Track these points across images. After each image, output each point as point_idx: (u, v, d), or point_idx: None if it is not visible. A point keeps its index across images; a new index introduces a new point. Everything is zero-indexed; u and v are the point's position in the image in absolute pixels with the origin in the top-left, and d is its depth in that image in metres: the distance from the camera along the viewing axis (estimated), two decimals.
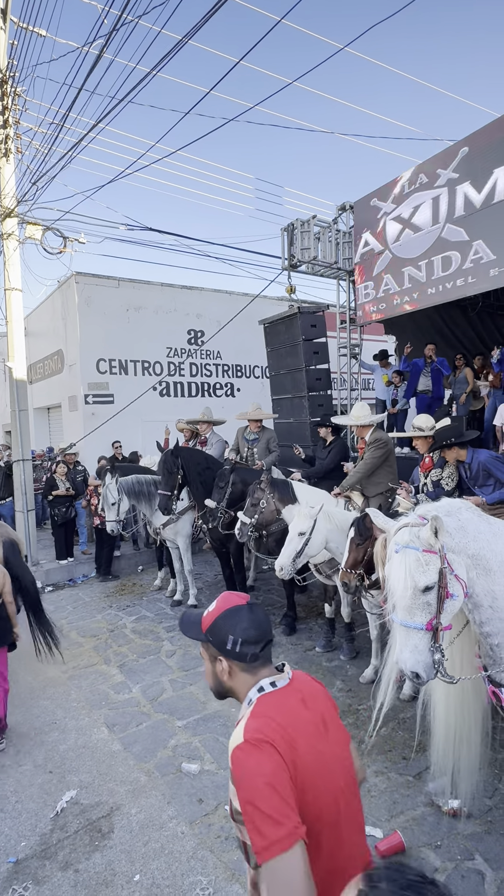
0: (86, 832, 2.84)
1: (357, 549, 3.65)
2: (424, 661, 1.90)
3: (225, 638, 1.29)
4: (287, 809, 1.03)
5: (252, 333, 9.43)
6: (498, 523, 2.16)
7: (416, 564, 1.89)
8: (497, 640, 2.08)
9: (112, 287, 10.86)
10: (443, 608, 1.90)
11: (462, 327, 10.14)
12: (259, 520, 4.70)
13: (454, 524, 2.02)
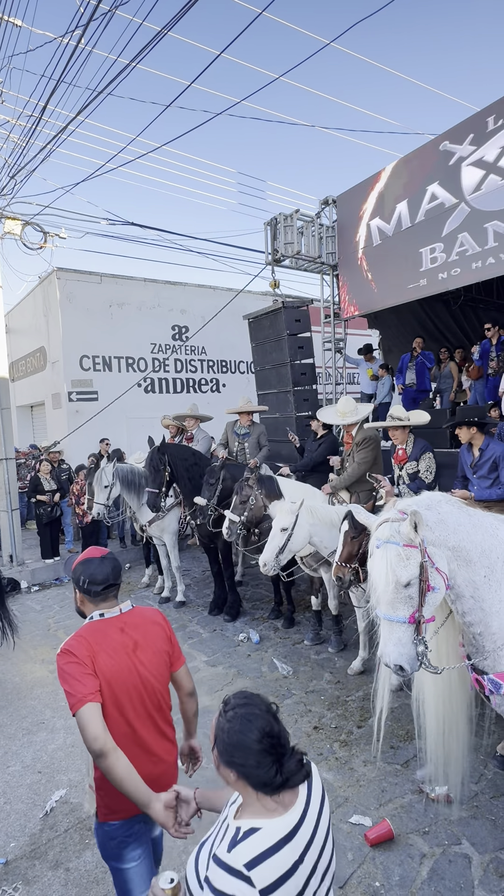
0: (76, 830, 2.84)
1: (352, 542, 3.65)
2: (408, 653, 1.93)
3: (78, 577, 1.82)
4: (81, 686, 1.62)
5: (237, 329, 9.40)
6: (478, 514, 2.18)
7: (397, 559, 1.91)
8: (479, 629, 2.11)
9: (94, 283, 10.73)
10: (425, 601, 1.92)
11: (445, 321, 10.23)
12: (248, 517, 4.69)
13: (434, 518, 2.04)
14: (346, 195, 7.75)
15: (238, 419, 6.37)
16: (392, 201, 7.03)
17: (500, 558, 2.09)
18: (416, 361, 8.04)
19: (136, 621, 1.86)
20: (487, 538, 2.10)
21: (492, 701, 2.28)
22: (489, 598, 2.07)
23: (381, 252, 7.27)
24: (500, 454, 4.16)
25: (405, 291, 6.99)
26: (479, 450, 4.25)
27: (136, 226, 9.06)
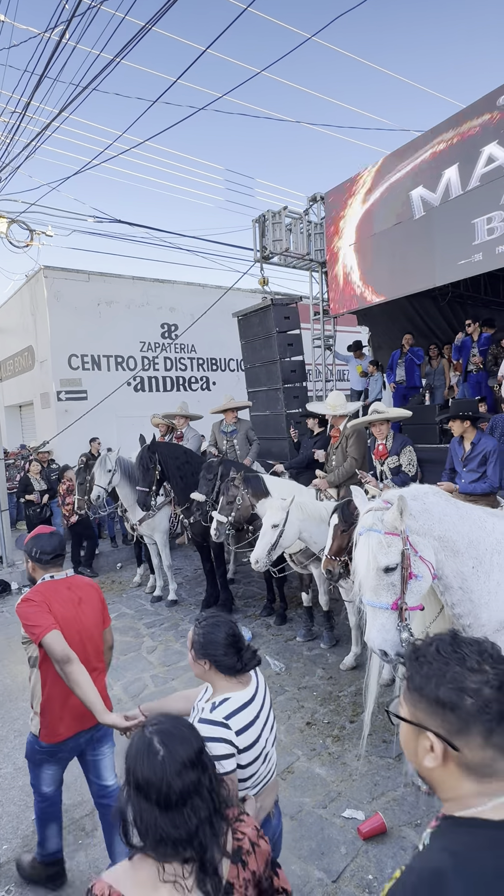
0: (69, 832, 2.82)
1: (341, 535, 3.66)
2: (391, 639, 1.96)
3: (31, 549, 2.31)
4: (44, 619, 2.08)
5: (226, 326, 9.38)
6: (466, 506, 2.20)
7: (379, 546, 1.96)
8: (468, 620, 2.13)
9: (82, 281, 10.65)
10: (407, 588, 1.95)
11: (433, 317, 10.28)
12: (235, 517, 4.69)
13: (418, 507, 2.07)
14: (333, 191, 7.75)
15: (223, 418, 6.39)
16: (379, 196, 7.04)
17: (488, 549, 2.10)
18: (405, 358, 8.08)
19: (79, 583, 2.40)
20: (475, 529, 2.11)
21: None
22: (478, 589, 2.08)
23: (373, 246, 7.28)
24: (490, 449, 4.19)
25: (396, 288, 7.00)
26: (472, 444, 4.28)
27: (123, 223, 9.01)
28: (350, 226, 7.50)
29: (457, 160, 6.01)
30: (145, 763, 1.07)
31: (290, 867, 2.50)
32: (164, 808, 1.03)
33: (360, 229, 7.35)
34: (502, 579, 2.10)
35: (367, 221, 7.25)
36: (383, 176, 6.96)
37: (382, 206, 6.99)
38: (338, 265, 7.80)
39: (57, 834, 2.44)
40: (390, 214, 6.89)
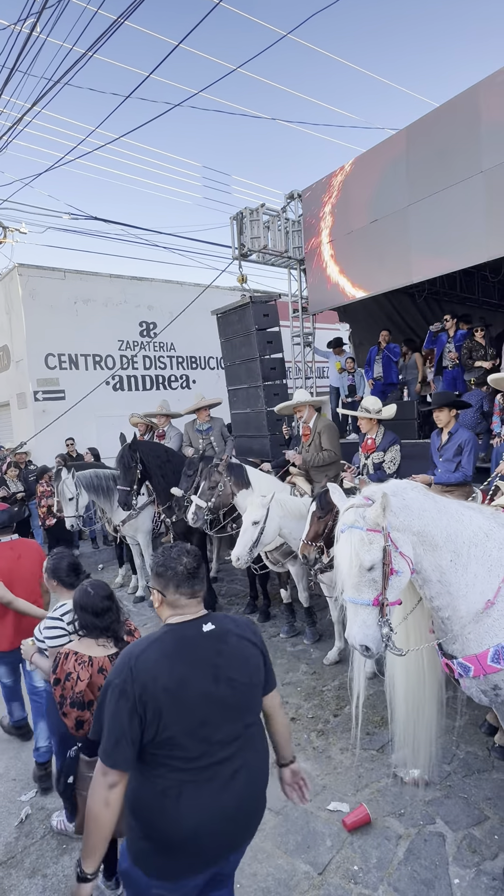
0: (53, 836, 2.79)
1: (318, 521, 3.77)
2: (373, 634, 1.98)
3: None
4: None
5: (205, 324, 9.33)
6: (444, 501, 2.23)
7: (361, 543, 1.96)
8: (447, 613, 2.16)
9: (58, 279, 10.48)
10: (388, 584, 1.97)
11: (411, 314, 10.40)
12: (215, 503, 4.68)
13: (398, 503, 2.08)
14: (310, 189, 7.77)
15: (196, 418, 6.42)
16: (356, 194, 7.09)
17: (466, 542, 2.13)
18: (382, 355, 8.16)
19: (20, 544, 3.45)
20: (453, 523, 2.14)
21: (461, 684, 2.34)
22: (455, 581, 2.11)
23: (350, 244, 7.33)
24: (465, 439, 4.28)
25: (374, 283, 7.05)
26: (449, 433, 4.36)
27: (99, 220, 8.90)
28: (327, 223, 7.54)
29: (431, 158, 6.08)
30: (85, 597, 2.22)
31: (276, 861, 2.51)
32: (94, 614, 2.21)
33: (338, 226, 7.40)
34: (479, 571, 2.13)
35: (344, 219, 7.30)
36: (359, 173, 7.01)
37: (359, 203, 7.04)
38: (316, 262, 7.84)
39: (20, 709, 3.61)
40: (367, 212, 6.94)
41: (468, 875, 2.35)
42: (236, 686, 1.55)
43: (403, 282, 6.77)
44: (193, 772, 1.46)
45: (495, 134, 5.46)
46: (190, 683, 1.47)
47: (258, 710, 1.68)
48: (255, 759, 1.60)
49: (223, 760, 1.51)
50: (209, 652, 1.55)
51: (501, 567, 2.14)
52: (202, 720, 1.47)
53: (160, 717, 1.41)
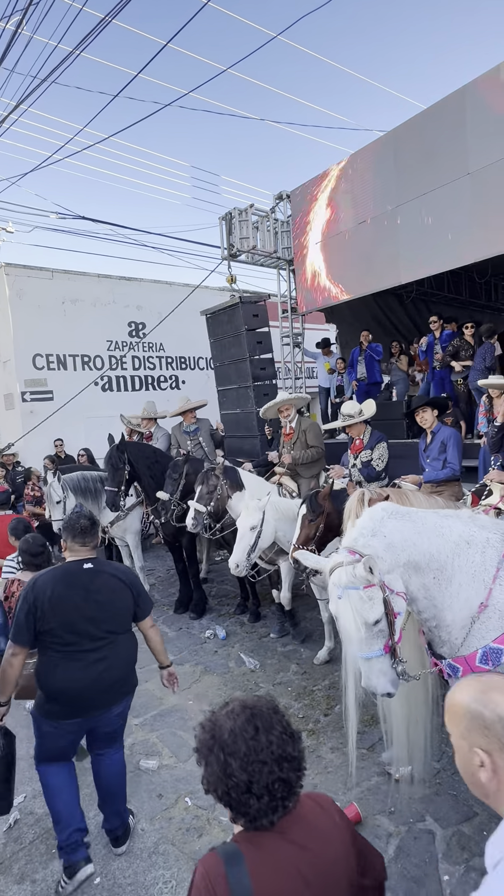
0: (41, 841, 2.76)
1: (309, 525, 3.69)
2: (392, 679, 1.98)
3: None
4: None
5: (195, 324, 9.31)
6: (420, 517, 2.20)
7: (361, 602, 1.90)
8: (434, 623, 2.18)
9: (45, 279, 10.39)
10: (394, 629, 1.96)
11: (398, 315, 10.47)
12: (214, 507, 4.67)
13: (382, 545, 2.03)
14: (299, 190, 7.79)
15: (182, 420, 6.42)
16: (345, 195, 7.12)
17: (449, 555, 2.13)
18: (365, 355, 8.20)
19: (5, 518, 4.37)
20: (434, 539, 2.13)
21: (451, 684, 2.36)
22: (440, 596, 2.12)
23: (338, 245, 7.35)
24: (447, 435, 4.33)
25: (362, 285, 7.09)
26: (432, 433, 4.40)
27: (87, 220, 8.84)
28: (316, 224, 7.56)
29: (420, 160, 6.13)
30: (25, 544, 3.39)
31: None
32: (31, 555, 3.38)
33: (327, 227, 7.42)
34: (464, 580, 2.13)
35: (332, 220, 7.33)
36: (348, 175, 7.04)
37: (348, 204, 7.08)
38: (305, 263, 7.86)
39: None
40: (355, 213, 6.98)
41: (458, 871, 2.37)
42: (100, 604, 2.39)
43: (391, 283, 6.82)
44: (66, 654, 2.33)
45: (482, 136, 5.52)
46: (65, 598, 2.32)
47: (122, 625, 2.50)
48: (116, 656, 2.45)
49: (88, 650, 2.36)
50: (84, 580, 2.39)
51: (486, 571, 2.15)
52: (72, 622, 2.32)
53: (45, 616, 2.29)
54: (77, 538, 2.46)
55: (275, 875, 1.04)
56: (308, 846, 1.08)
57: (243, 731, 1.08)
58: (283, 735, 1.11)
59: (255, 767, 1.05)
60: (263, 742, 1.08)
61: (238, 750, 1.06)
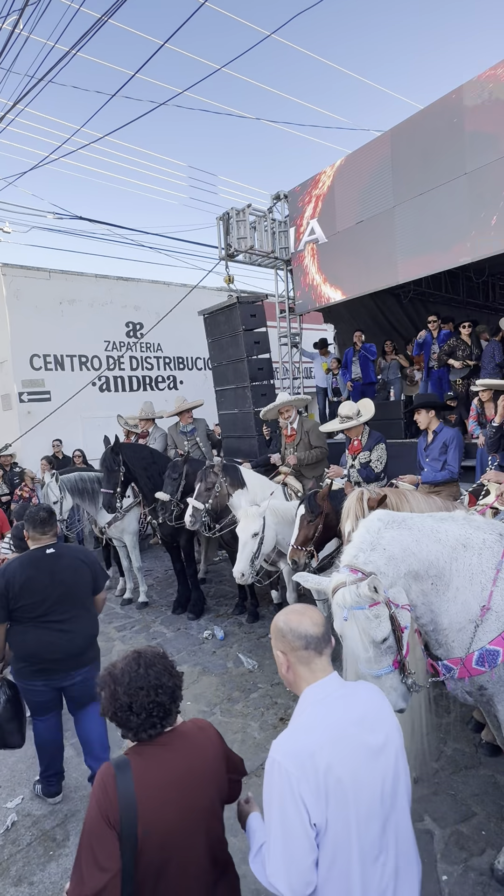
0: (39, 843, 2.76)
1: (308, 525, 3.69)
2: (402, 694, 1.94)
3: None
4: None
5: (192, 324, 9.30)
6: (416, 525, 2.18)
7: (368, 622, 1.84)
8: (431, 626, 2.17)
9: (43, 279, 10.37)
10: (402, 644, 1.91)
11: (396, 315, 10.48)
12: (212, 504, 4.66)
13: (383, 559, 1.99)
14: (296, 190, 7.79)
15: (178, 420, 6.41)
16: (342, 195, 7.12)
17: (446, 560, 2.12)
18: (359, 355, 8.20)
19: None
20: (432, 546, 2.11)
21: (447, 685, 2.36)
22: (437, 601, 2.11)
23: (336, 245, 7.35)
24: (450, 437, 4.32)
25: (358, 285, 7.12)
26: (433, 433, 4.39)
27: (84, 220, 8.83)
28: (314, 224, 7.57)
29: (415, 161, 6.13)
30: (16, 530, 3.56)
31: None
32: (20, 539, 3.28)
33: (324, 227, 7.43)
34: (461, 583, 2.12)
35: (330, 220, 7.33)
36: (345, 175, 7.05)
37: (344, 204, 7.08)
38: (302, 263, 7.86)
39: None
40: (352, 213, 6.98)
41: (456, 871, 2.37)
42: (65, 583, 2.78)
43: (389, 282, 6.82)
44: (35, 623, 2.72)
45: (478, 136, 5.53)
46: (34, 579, 2.71)
47: (83, 600, 2.87)
48: (79, 629, 2.81)
49: (54, 622, 2.74)
50: (49, 564, 2.78)
51: (483, 573, 2.13)
52: (42, 599, 2.72)
53: (16, 597, 2.68)
54: (38, 528, 2.84)
55: (155, 775, 1.36)
56: (186, 754, 1.43)
57: (129, 666, 1.44)
58: (162, 670, 1.45)
59: (135, 693, 1.38)
60: (143, 674, 1.41)
61: (123, 681, 1.40)
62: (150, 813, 1.30)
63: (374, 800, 1.28)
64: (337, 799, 1.23)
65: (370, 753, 1.31)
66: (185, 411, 6.35)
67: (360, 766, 1.28)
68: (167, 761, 1.39)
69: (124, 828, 1.27)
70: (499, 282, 11.64)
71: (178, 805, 1.34)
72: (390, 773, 1.32)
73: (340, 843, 1.23)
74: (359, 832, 1.25)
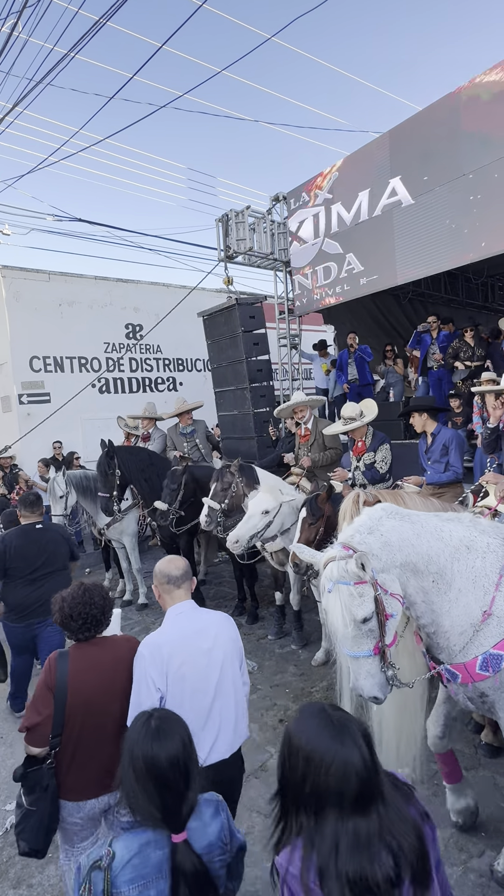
0: None
1: (309, 528, 3.70)
2: (380, 682, 1.93)
3: None
4: None
5: (192, 326, 9.31)
6: (420, 519, 2.17)
7: (351, 598, 1.86)
8: (432, 629, 2.15)
9: (42, 281, 10.38)
10: (385, 630, 1.91)
11: (396, 315, 10.48)
12: (229, 504, 4.64)
13: (378, 543, 2.00)
14: (295, 191, 7.80)
15: (178, 421, 6.41)
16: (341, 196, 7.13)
17: (448, 559, 2.11)
18: (355, 356, 8.20)
19: None
20: (433, 543, 2.10)
21: (449, 689, 2.34)
22: (438, 600, 2.10)
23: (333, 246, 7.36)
24: (449, 437, 4.32)
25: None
26: (432, 435, 4.39)
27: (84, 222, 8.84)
28: (312, 225, 7.57)
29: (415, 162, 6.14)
30: (8, 516, 4.86)
31: (265, 864, 2.50)
32: (11, 522, 4.45)
33: (323, 228, 7.43)
34: (464, 585, 2.10)
35: (329, 221, 7.33)
36: (343, 176, 7.05)
37: (343, 205, 7.08)
38: (301, 264, 7.86)
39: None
40: (351, 214, 6.99)
41: (456, 873, 2.36)
42: (49, 551, 3.66)
43: (388, 284, 6.82)
44: (23, 580, 3.58)
45: (477, 137, 5.53)
46: (25, 546, 3.59)
47: (62, 564, 3.74)
48: (57, 583, 3.27)
49: (37, 578, 3.59)
50: (36, 536, 3.66)
51: (486, 577, 2.12)
52: (30, 562, 3.59)
53: (11, 559, 3.56)
54: (28, 508, 3.75)
55: (84, 661, 2.00)
56: (109, 651, 2.07)
57: (74, 590, 2.08)
58: (95, 594, 2.09)
59: (75, 606, 2.02)
60: (81, 594, 2.05)
61: (69, 599, 2.04)
62: (76, 683, 1.93)
63: (201, 683, 1.93)
64: (174, 678, 1.89)
65: (201, 652, 1.97)
66: (185, 412, 6.35)
67: (193, 659, 1.94)
68: (94, 654, 2.02)
69: (58, 690, 1.91)
70: (498, 283, 11.64)
71: (99, 681, 1.96)
72: (216, 669, 1.98)
73: (176, 708, 1.61)
74: (191, 703, 1.87)
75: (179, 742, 1.28)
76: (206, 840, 1.27)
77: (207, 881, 1.22)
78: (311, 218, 7.50)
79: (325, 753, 1.09)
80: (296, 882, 1.06)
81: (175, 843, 1.21)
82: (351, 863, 1.03)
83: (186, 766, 1.26)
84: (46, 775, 1.90)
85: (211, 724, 1.94)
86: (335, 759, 1.08)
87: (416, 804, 1.18)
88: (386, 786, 1.13)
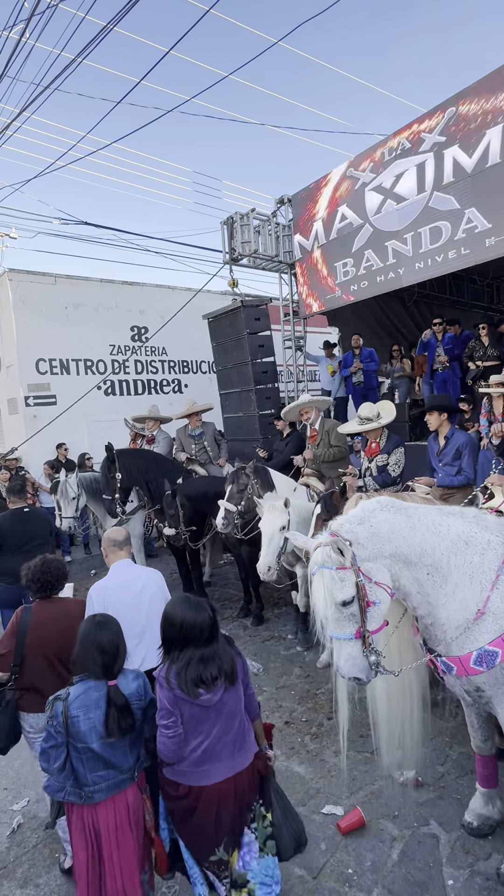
0: (45, 845, 2.76)
1: (323, 524, 3.69)
2: (360, 665, 2.01)
3: None
4: None
5: (197, 328, 9.34)
6: (418, 513, 2.19)
7: (332, 582, 1.97)
8: (429, 620, 2.17)
9: (48, 284, 10.44)
10: (366, 617, 1.99)
11: (401, 317, 10.47)
12: (245, 506, 4.64)
13: (366, 532, 2.06)
14: (300, 194, 7.82)
15: (187, 423, 6.40)
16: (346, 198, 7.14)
17: (444, 553, 2.11)
18: (359, 359, 8.20)
19: None
20: (428, 537, 2.12)
21: (445, 681, 2.35)
22: (434, 593, 2.11)
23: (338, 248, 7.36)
24: (463, 442, 4.30)
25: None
26: (445, 438, 4.38)
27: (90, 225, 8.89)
28: (317, 227, 7.58)
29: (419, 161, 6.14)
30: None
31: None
32: None
33: (328, 230, 7.44)
34: (461, 580, 2.12)
35: (334, 223, 7.34)
36: (348, 178, 7.06)
37: (348, 207, 7.09)
38: (306, 266, 7.87)
39: None
40: (356, 216, 6.99)
41: (462, 876, 2.36)
42: (34, 530, 4.35)
43: (393, 286, 6.82)
44: (14, 552, 4.17)
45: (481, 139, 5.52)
46: (15, 526, 4.31)
47: (45, 539, 4.45)
48: (40, 552, 3.31)
49: (28, 550, 4.04)
50: (24, 517, 4.36)
51: (484, 573, 2.13)
52: (20, 541, 4.27)
53: (5, 534, 4.25)
54: (15, 494, 4.48)
55: (42, 614, 2.59)
56: (63, 608, 2.67)
57: (37, 563, 2.64)
58: (53, 564, 2.67)
59: (36, 571, 2.61)
60: (40, 563, 2.64)
61: (31, 567, 2.64)
62: (35, 627, 2.54)
63: (133, 612, 2.66)
64: (113, 609, 2.45)
65: (134, 592, 2.74)
66: (195, 414, 6.33)
67: (128, 596, 2.70)
68: (51, 609, 2.62)
69: (20, 632, 2.52)
70: (503, 284, 11.62)
71: (53, 627, 2.55)
72: (145, 604, 2.72)
73: None
74: (126, 626, 2.22)
75: (113, 632, 2.06)
76: (129, 690, 2.03)
77: (129, 711, 1.97)
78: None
79: (187, 617, 1.93)
80: (161, 679, 1.90)
81: (109, 686, 1.97)
82: (195, 670, 1.89)
83: (116, 644, 2.04)
84: (8, 693, 2.55)
85: (142, 644, 2.67)
86: (196, 620, 1.92)
87: (234, 647, 2.05)
88: (220, 634, 1.99)
